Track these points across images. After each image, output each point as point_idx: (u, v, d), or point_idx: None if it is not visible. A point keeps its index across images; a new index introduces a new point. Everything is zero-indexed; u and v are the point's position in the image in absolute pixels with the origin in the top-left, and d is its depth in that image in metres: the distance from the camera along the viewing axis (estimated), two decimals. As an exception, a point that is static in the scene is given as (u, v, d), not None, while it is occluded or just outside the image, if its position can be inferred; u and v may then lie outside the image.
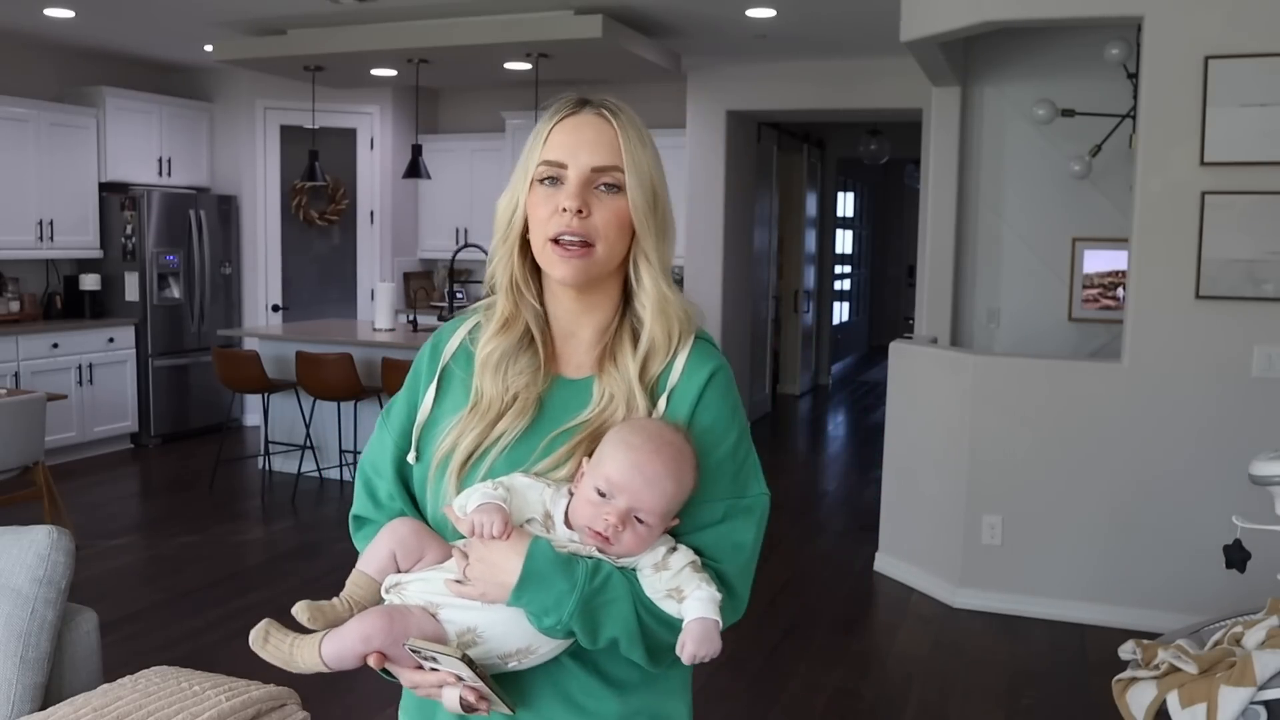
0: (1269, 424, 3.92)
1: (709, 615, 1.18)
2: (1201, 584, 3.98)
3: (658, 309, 1.28)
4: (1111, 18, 4.22)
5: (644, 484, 1.17)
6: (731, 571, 1.24)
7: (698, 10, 5.80)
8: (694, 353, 1.29)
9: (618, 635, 1.19)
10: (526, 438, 1.27)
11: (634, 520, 1.18)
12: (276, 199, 8.22)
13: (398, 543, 1.26)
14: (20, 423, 4.68)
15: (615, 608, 1.18)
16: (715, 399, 1.28)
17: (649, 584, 1.20)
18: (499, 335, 1.30)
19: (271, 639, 1.23)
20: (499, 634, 1.20)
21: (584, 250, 1.23)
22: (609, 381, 1.28)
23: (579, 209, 1.22)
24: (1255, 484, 2.70)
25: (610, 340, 1.30)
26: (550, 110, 1.29)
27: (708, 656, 1.17)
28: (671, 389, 1.27)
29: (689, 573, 1.20)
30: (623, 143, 1.24)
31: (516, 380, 1.29)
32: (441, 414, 1.33)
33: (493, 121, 8.34)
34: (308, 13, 6.10)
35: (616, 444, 1.20)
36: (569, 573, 1.17)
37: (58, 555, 2.15)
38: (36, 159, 6.88)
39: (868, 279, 14.80)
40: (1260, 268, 3.93)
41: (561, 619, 1.16)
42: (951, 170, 5.44)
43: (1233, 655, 2.48)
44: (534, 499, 1.21)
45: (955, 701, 3.63)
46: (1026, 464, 4.33)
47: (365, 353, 6.15)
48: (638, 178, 1.24)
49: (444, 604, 1.21)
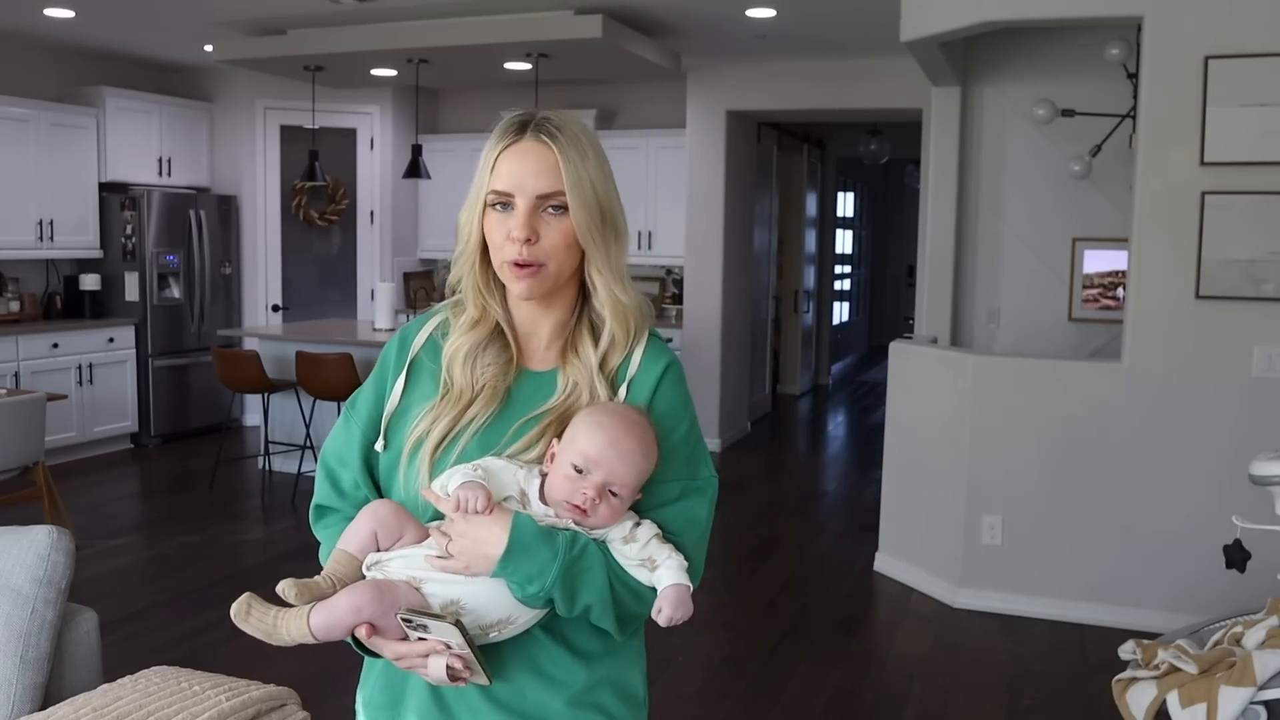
0: (1269, 424, 3.92)
1: (682, 581, 1.29)
2: (1201, 584, 3.98)
3: (615, 311, 1.38)
4: (1111, 18, 4.22)
5: (619, 458, 1.27)
6: (690, 544, 1.34)
7: (698, 10, 5.80)
8: (649, 348, 1.40)
9: (592, 602, 1.28)
10: (496, 424, 1.35)
11: (608, 494, 1.27)
12: (276, 199, 8.22)
13: (379, 522, 1.32)
14: (20, 423, 4.68)
15: (591, 575, 1.27)
16: (670, 388, 1.39)
17: (620, 554, 1.30)
18: (468, 333, 1.39)
19: (254, 612, 1.27)
20: (481, 605, 1.26)
21: (535, 270, 1.33)
22: (572, 371, 1.38)
23: (527, 237, 1.31)
24: (1255, 484, 2.70)
25: (570, 334, 1.40)
26: (496, 135, 1.37)
27: (682, 619, 1.28)
28: (631, 378, 1.38)
29: (656, 543, 1.31)
30: (563, 166, 1.31)
31: (486, 371, 1.37)
32: (411, 403, 1.40)
33: (493, 121, 8.03)
34: (308, 13, 6.10)
35: (590, 424, 1.29)
36: (550, 542, 1.25)
37: (58, 555, 2.15)
38: (36, 159, 6.88)
39: (868, 279, 14.80)
40: (1260, 268, 3.93)
41: (544, 586, 1.24)
42: (951, 170, 5.44)
43: (1233, 655, 2.48)
44: (508, 479, 1.30)
45: (955, 701, 3.63)
46: (1026, 464, 4.33)
47: (365, 353, 6.15)
48: (580, 198, 1.32)
49: (427, 579, 1.27)
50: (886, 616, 4.50)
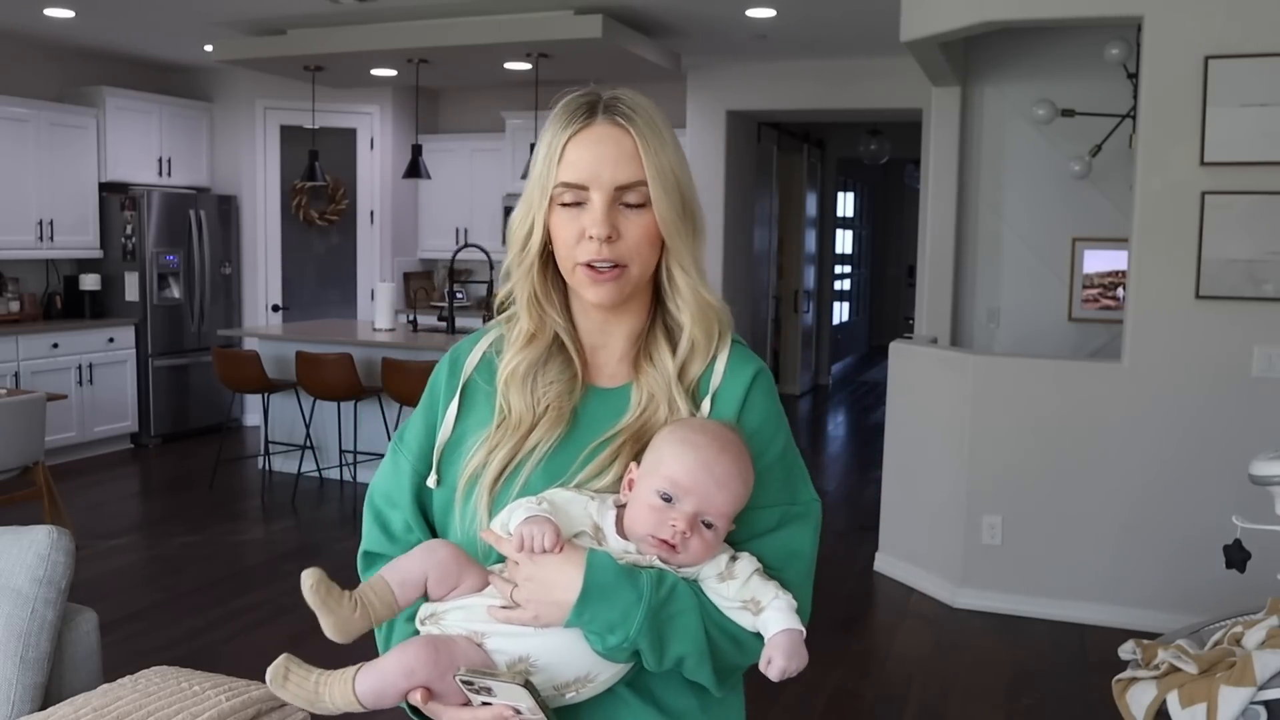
0: (1269, 424, 3.92)
1: (794, 625, 1.10)
2: (1201, 584, 3.98)
3: (698, 313, 1.21)
4: (1111, 18, 4.22)
5: (715, 485, 1.10)
6: (794, 579, 1.17)
7: (698, 10, 5.80)
8: (733, 355, 1.23)
9: (686, 653, 1.10)
10: (562, 450, 1.18)
11: (701, 525, 1.10)
12: (276, 199, 8.22)
13: (435, 565, 1.14)
14: (20, 423, 4.68)
15: (683, 620, 1.09)
16: (761, 401, 1.22)
17: (716, 594, 1.12)
18: (524, 349, 1.22)
19: (292, 675, 1.11)
20: (555, 661, 1.09)
21: (617, 272, 1.17)
22: (647, 383, 1.21)
23: (608, 235, 1.15)
24: (1255, 484, 2.70)
25: (644, 343, 1.23)
26: (561, 118, 1.19)
27: (796, 670, 1.09)
28: (715, 390, 1.21)
29: (759, 580, 1.12)
30: (643, 153, 1.16)
31: (548, 391, 1.21)
32: (465, 431, 1.23)
33: (493, 121, 8.34)
34: (308, 13, 6.09)
35: (678, 443, 1.12)
36: (634, 583, 1.07)
37: (58, 555, 2.15)
38: (36, 159, 6.88)
39: (868, 279, 14.80)
40: (1260, 268, 3.93)
41: (629, 635, 1.06)
42: (951, 170, 5.44)
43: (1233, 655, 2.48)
44: (578, 512, 1.13)
45: (955, 701, 3.63)
46: (1026, 464, 4.33)
47: (365, 353, 6.15)
48: (663, 186, 1.16)
49: (490, 632, 1.10)
50: (886, 616, 4.50)
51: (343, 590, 1.13)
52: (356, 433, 6.29)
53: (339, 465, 6.46)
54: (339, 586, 1.13)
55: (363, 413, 6.26)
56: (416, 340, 6.23)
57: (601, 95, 1.20)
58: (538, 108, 7.26)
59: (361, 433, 6.30)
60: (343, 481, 6.44)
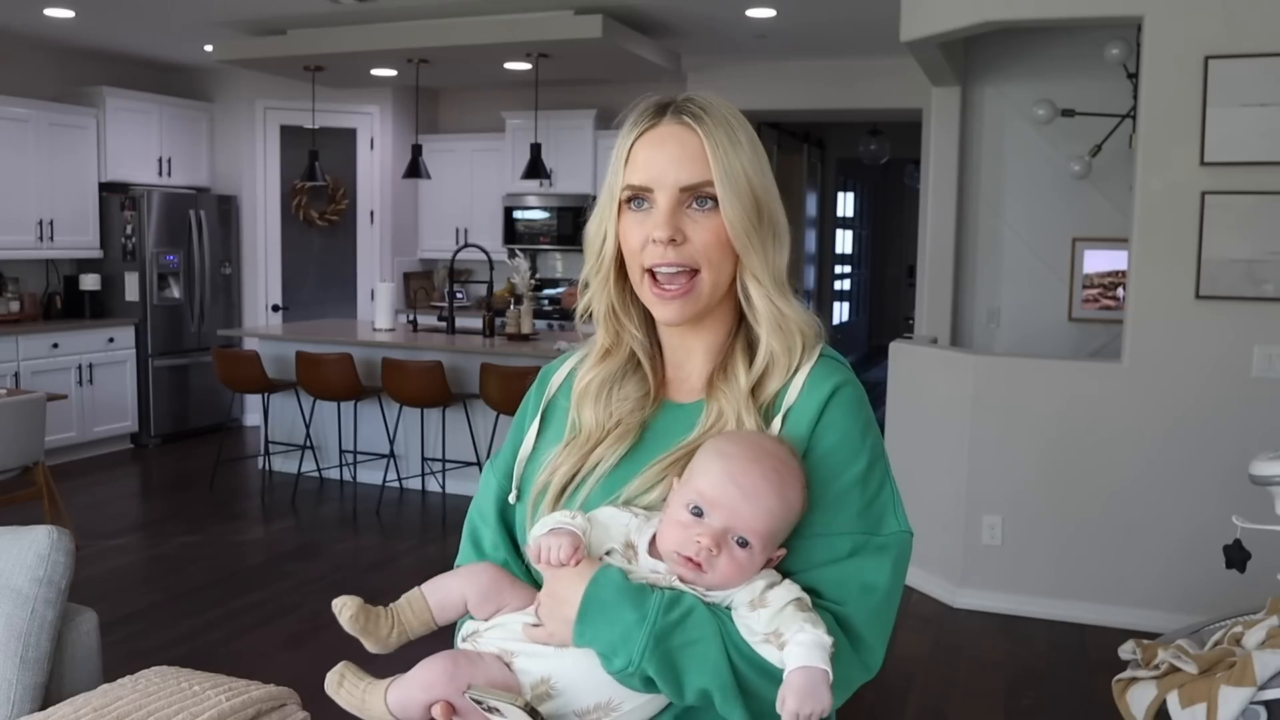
0: (1269, 424, 3.92)
1: (814, 664, 0.98)
2: (1201, 584, 3.98)
3: (775, 326, 1.14)
4: (1111, 18, 4.22)
5: (742, 497, 1.02)
6: (858, 616, 1.05)
7: (698, 10, 5.80)
8: (816, 369, 1.14)
9: (708, 686, 1.00)
10: (625, 464, 1.14)
11: (731, 543, 1.02)
12: (276, 199, 8.22)
13: (474, 587, 1.13)
14: (20, 423, 4.68)
15: (700, 649, 1.00)
16: (839, 418, 1.11)
17: (745, 624, 1.02)
18: (598, 365, 1.20)
19: (346, 683, 1.12)
20: (574, 684, 1.04)
21: (687, 285, 1.11)
22: (719, 399, 1.14)
23: (671, 237, 1.10)
24: (1255, 484, 2.70)
25: (724, 358, 1.17)
26: (629, 121, 1.16)
27: (813, 716, 0.97)
28: (789, 408, 1.12)
29: (791, 611, 1.01)
30: (710, 152, 1.11)
31: (621, 406, 1.17)
32: (543, 447, 1.21)
33: (493, 121, 8.34)
34: (308, 13, 6.09)
35: (709, 454, 1.06)
36: (638, 603, 1.01)
37: (58, 555, 2.15)
38: (36, 159, 6.88)
39: (868, 279, 14.80)
40: (1260, 268, 3.93)
41: (632, 659, 0.99)
42: (951, 170, 5.44)
43: (1233, 655, 2.48)
44: (616, 530, 1.08)
45: (955, 701, 3.63)
46: (1026, 464, 4.32)
47: (365, 353, 6.15)
48: (732, 189, 1.11)
49: (519, 651, 1.07)
50: (886, 616, 4.50)
51: (379, 609, 1.14)
52: (356, 433, 6.29)
53: (339, 465, 6.46)
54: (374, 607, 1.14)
55: (363, 413, 6.26)
56: (416, 340, 6.23)
57: (675, 98, 1.17)
58: (538, 108, 7.26)
59: (361, 433, 6.30)
60: (342, 481, 6.44)
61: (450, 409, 6.03)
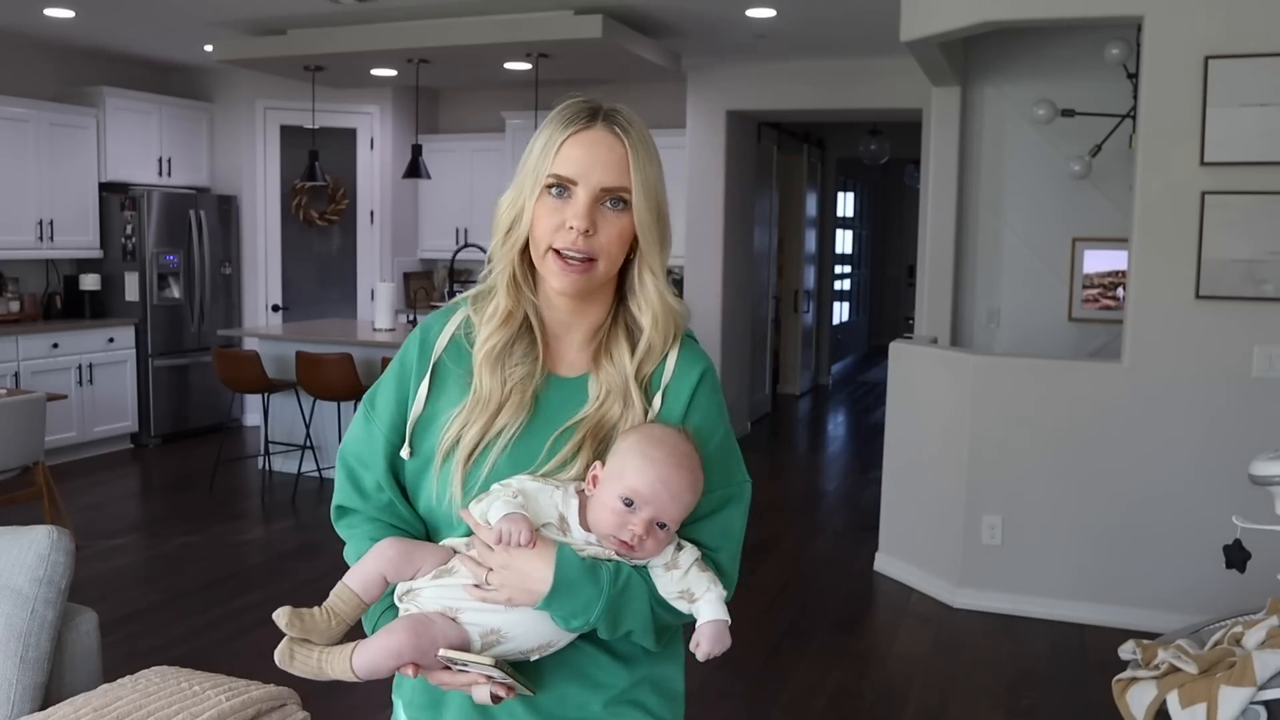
0: (1269, 424, 3.92)
1: (720, 616, 1.27)
2: (1201, 584, 3.98)
3: (660, 314, 1.34)
4: (1111, 18, 4.22)
5: (670, 498, 1.24)
6: (725, 558, 1.34)
7: (698, 10, 5.80)
8: (683, 352, 1.36)
9: (634, 628, 1.27)
10: (527, 436, 1.31)
11: (655, 528, 1.25)
12: (276, 199, 8.22)
13: (388, 564, 1.30)
14: (20, 423, 4.68)
15: (635, 604, 1.26)
16: (706, 397, 1.35)
17: (661, 582, 1.29)
18: (500, 329, 1.34)
19: (298, 655, 1.29)
20: (522, 633, 1.26)
21: (586, 266, 1.28)
22: (605, 378, 1.33)
23: (586, 229, 1.26)
24: (1255, 484, 2.70)
25: (605, 338, 1.36)
26: (563, 117, 1.30)
27: (719, 653, 1.27)
28: (665, 386, 1.34)
29: (696, 572, 1.29)
30: (632, 162, 1.28)
31: (514, 372, 1.33)
32: (438, 411, 1.35)
33: (493, 121, 8.34)
34: (308, 13, 6.10)
35: (638, 456, 1.25)
36: (595, 579, 1.24)
37: (58, 555, 2.15)
38: (36, 159, 6.88)
39: (868, 279, 14.80)
40: (1260, 268, 3.93)
41: (589, 620, 1.24)
42: (951, 170, 5.44)
43: (1233, 655, 2.48)
44: (546, 503, 1.27)
45: (955, 701, 3.63)
46: (1026, 464, 4.33)
47: (365, 353, 6.15)
48: (645, 197, 1.29)
49: (464, 608, 1.26)
50: (886, 616, 4.50)
51: (312, 611, 1.29)
52: (356, 433, 6.28)
53: (339, 465, 6.46)
54: (307, 610, 1.29)
55: (363, 413, 6.25)
56: (416, 340, 6.22)
57: (602, 105, 1.31)
58: (538, 108, 7.25)
59: (361, 433, 6.29)
60: (343, 481, 6.43)
61: (450, 409, 6.02)
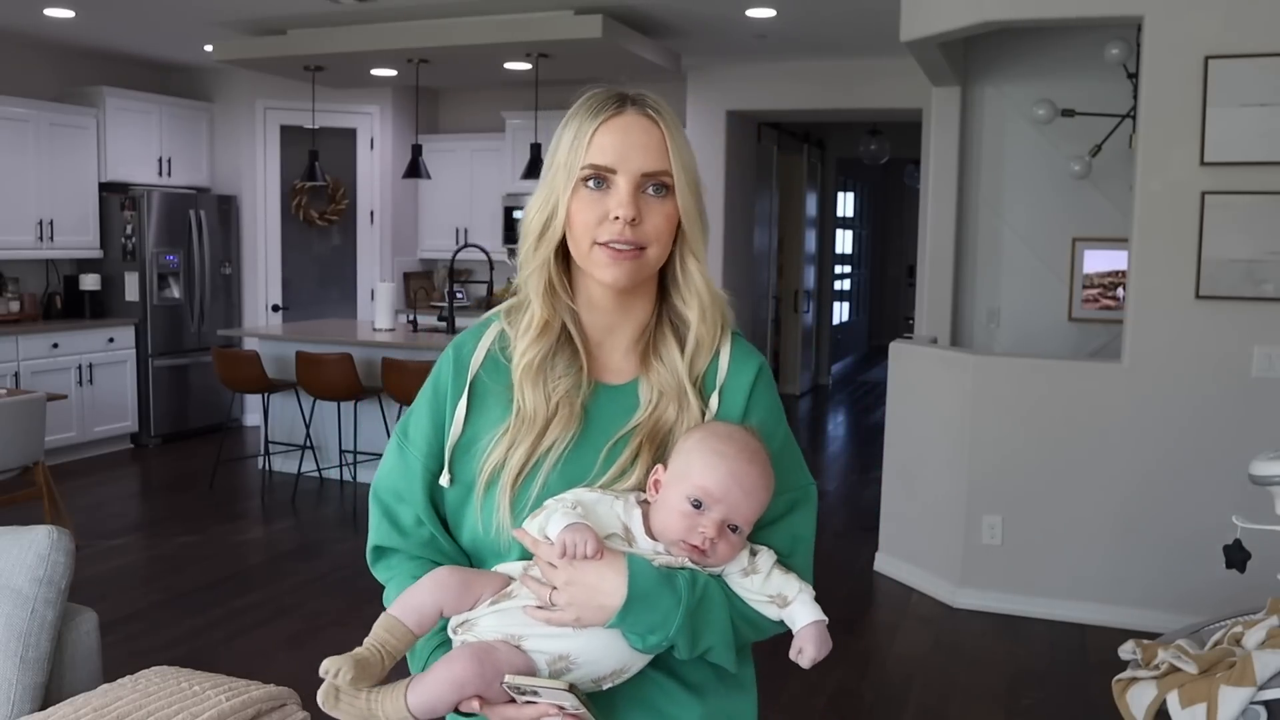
0: (1269, 424, 3.92)
1: (819, 616, 1.20)
2: (1201, 584, 3.98)
3: (707, 306, 1.26)
4: (1111, 18, 4.22)
5: (743, 494, 1.16)
6: (800, 564, 1.26)
7: (698, 10, 5.80)
8: (736, 348, 1.28)
9: (714, 644, 1.17)
10: (578, 449, 1.22)
11: (727, 530, 1.16)
12: (276, 199, 8.22)
13: (447, 593, 1.18)
14: (20, 423, 4.68)
15: (715, 615, 1.17)
16: (764, 394, 1.28)
17: (740, 588, 1.20)
18: (537, 341, 1.25)
19: (344, 698, 1.14)
20: (595, 658, 1.15)
21: (636, 254, 1.20)
22: (656, 380, 1.25)
23: (633, 217, 1.18)
24: (1255, 484, 2.70)
25: (651, 338, 1.27)
26: (589, 107, 1.24)
27: (823, 657, 1.19)
28: (722, 385, 1.26)
29: (780, 575, 1.21)
30: (670, 145, 1.22)
31: (558, 385, 1.24)
32: (478, 431, 1.25)
33: (493, 121, 8.34)
34: (308, 13, 6.10)
35: (706, 453, 1.17)
36: (672, 588, 1.14)
37: (58, 555, 2.15)
38: (36, 159, 6.88)
39: (868, 279, 14.80)
40: (1260, 268, 3.93)
41: (668, 635, 1.13)
42: (951, 170, 5.44)
43: (1233, 655, 2.48)
44: (606, 514, 1.18)
45: (955, 701, 3.63)
46: (1026, 464, 4.32)
47: (365, 353, 6.15)
48: (686, 180, 1.22)
49: (528, 634, 1.15)
50: (886, 616, 4.50)
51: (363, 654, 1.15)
52: (356, 433, 6.29)
53: (339, 465, 6.46)
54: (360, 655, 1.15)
55: (363, 413, 6.26)
56: (416, 340, 6.23)
57: (630, 91, 1.26)
58: (538, 108, 7.25)
59: (361, 433, 6.30)
60: (343, 481, 6.44)
61: (450, 409, 6.02)
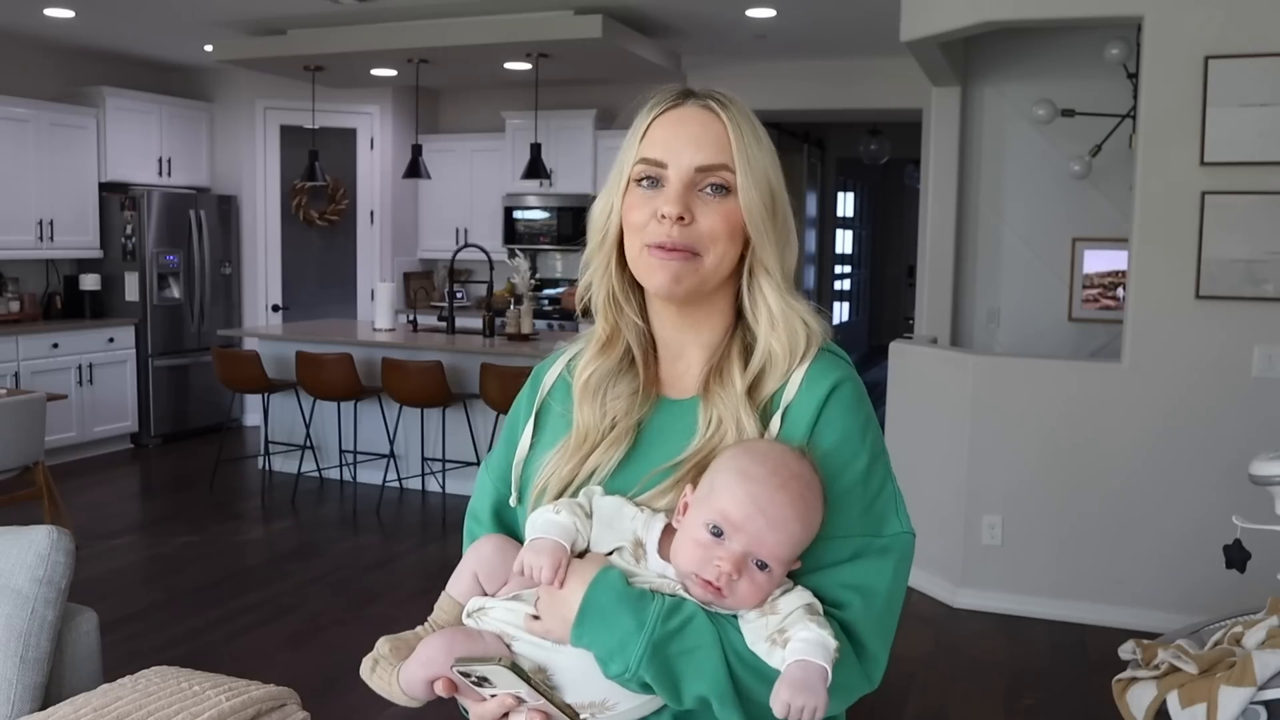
0: (1269, 424, 3.92)
1: (813, 659, 0.95)
2: (1201, 584, 3.98)
3: (780, 322, 1.10)
4: (1111, 18, 4.22)
5: (767, 525, 0.98)
6: (860, 622, 1.02)
7: (698, 10, 5.80)
8: (815, 365, 1.10)
9: (705, 693, 0.98)
10: (624, 469, 1.11)
11: (752, 566, 0.98)
12: (276, 199, 8.22)
13: (479, 562, 1.12)
14: (20, 423, 4.68)
15: (698, 657, 0.98)
16: (839, 416, 1.07)
17: (751, 631, 1.00)
18: (598, 357, 1.16)
19: (379, 668, 1.10)
20: (571, 680, 1.02)
21: (685, 256, 1.07)
22: (716, 404, 1.09)
23: (680, 215, 1.06)
24: (1255, 484, 2.70)
25: (719, 358, 1.12)
26: (650, 102, 1.14)
27: (806, 711, 0.94)
28: (786, 406, 1.08)
29: (799, 614, 0.99)
30: (733, 138, 1.08)
31: (615, 405, 1.13)
32: (539, 451, 1.18)
33: (493, 121, 8.34)
34: (308, 13, 6.10)
35: (732, 473, 1.00)
36: (638, 610, 0.98)
37: (58, 555, 2.15)
38: (36, 159, 6.88)
39: (868, 279, 14.80)
40: (1260, 268, 3.93)
41: (629, 665, 0.97)
42: (951, 170, 5.44)
43: (1233, 655, 2.48)
44: (622, 524, 1.05)
45: (955, 701, 3.63)
46: (1026, 464, 4.32)
47: (365, 353, 6.15)
48: (752, 177, 1.08)
49: (519, 637, 1.05)
50: (886, 616, 4.50)
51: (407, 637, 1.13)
52: (356, 433, 6.29)
53: (339, 465, 6.46)
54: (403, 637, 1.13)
55: (363, 413, 6.26)
56: (416, 340, 6.23)
57: (697, 89, 1.16)
58: (538, 108, 7.25)
59: (361, 433, 6.30)
60: (343, 481, 6.44)
61: (450, 409, 6.03)
